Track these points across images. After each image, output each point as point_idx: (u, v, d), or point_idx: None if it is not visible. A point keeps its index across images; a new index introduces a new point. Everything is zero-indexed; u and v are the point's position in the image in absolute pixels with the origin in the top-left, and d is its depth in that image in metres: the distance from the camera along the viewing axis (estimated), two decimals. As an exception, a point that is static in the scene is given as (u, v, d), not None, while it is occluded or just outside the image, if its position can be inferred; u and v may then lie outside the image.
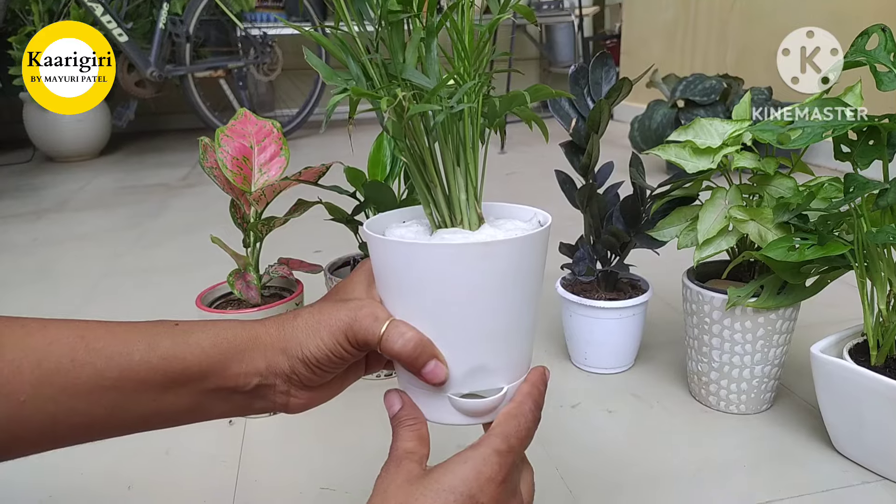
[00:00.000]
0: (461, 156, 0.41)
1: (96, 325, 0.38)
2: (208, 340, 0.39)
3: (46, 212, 1.93)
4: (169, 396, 0.39)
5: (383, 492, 0.38)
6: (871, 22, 0.63)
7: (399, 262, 0.39)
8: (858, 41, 0.62)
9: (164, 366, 0.38)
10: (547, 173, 0.90)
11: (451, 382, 0.40)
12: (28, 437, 0.37)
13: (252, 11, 3.07)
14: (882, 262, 0.64)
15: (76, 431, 0.38)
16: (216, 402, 0.41)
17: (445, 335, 0.39)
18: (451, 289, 0.38)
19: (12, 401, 0.35)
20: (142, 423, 0.40)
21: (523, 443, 0.40)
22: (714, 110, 1.82)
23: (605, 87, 0.80)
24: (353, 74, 0.40)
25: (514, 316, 0.40)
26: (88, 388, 0.37)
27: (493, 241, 0.38)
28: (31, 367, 0.36)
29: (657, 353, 0.92)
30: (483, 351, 0.40)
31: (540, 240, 0.40)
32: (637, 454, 0.71)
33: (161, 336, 0.39)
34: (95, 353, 0.37)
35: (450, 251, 0.38)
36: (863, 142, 0.64)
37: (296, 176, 0.76)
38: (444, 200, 0.42)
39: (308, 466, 0.71)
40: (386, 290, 0.41)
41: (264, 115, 3.31)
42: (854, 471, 0.66)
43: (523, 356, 0.43)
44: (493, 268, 0.38)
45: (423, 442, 0.41)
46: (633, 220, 0.82)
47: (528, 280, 0.40)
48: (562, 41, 3.66)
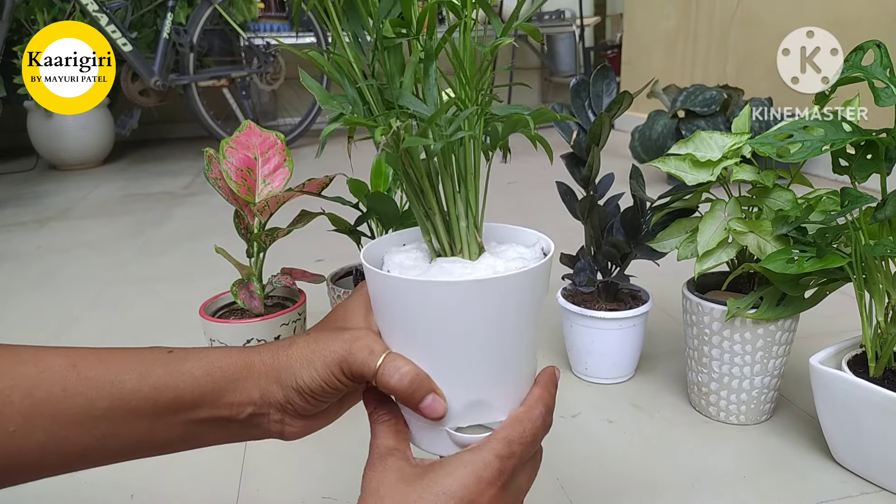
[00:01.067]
0: (461, 183, 0.40)
1: (88, 353, 0.38)
2: (201, 369, 0.39)
3: (50, 220, 1.94)
4: (160, 425, 0.39)
5: (375, 491, 0.37)
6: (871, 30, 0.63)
7: (395, 296, 0.38)
8: (853, 57, 0.62)
9: (155, 395, 0.38)
10: (548, 184, 0.90)
11: (449, 416, 0.39)
12: (19, 467, 0.37)
13: (255, 21, 3.09)
14: (880, 274, 0.65)
15: (67, 460, 0.38)
16: (210, 431, 0.41)
17: (442, 370, 0.38)
18: (448, 324, 0.37)
19: (1, 431, 0.35)
20: (133, 451, 0.39)
21: (527, 448, 0.39)
22: (714, 121, 1.83)
23: (606, 99, 0.80)
24: (350, 98, 0.39)
25: (512, 350, 0.39)
26: (80, 418, 0.36)
27: (490, 279, 0.37)
28: (22, 397, 0.35)
29: (657, 363, 0.92)
30: (482, 386, 0.39)
31: (541, 273, 0.39)
32: (637, 464, 0.71)
33: (153, 364, 0.39)
34: (87, 383, 0.37)
35: (446, 289, 0.37)
36: (861, 156, 0.65)
37: (299, 187, 0.77)
38: (443, 228, 0.41)
39: (310, 476, 0.71)
40: (383, 322, 0.40)
41: (267, 124, 3.33)
42: (853, 481, 0.66)
43: (523, 389, 0.42)
44: (491, 304, 0.37)
45: (400, 437, 0.40)
46: (634, 232, 0.82)
47: (528, 313, 0.39)
48: (563, 51, 3.68)
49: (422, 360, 0.38)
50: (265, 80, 3.05)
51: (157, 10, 2.80)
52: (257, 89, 3.25)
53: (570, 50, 3.65)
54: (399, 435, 0.40)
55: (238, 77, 2.96)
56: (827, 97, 0.67)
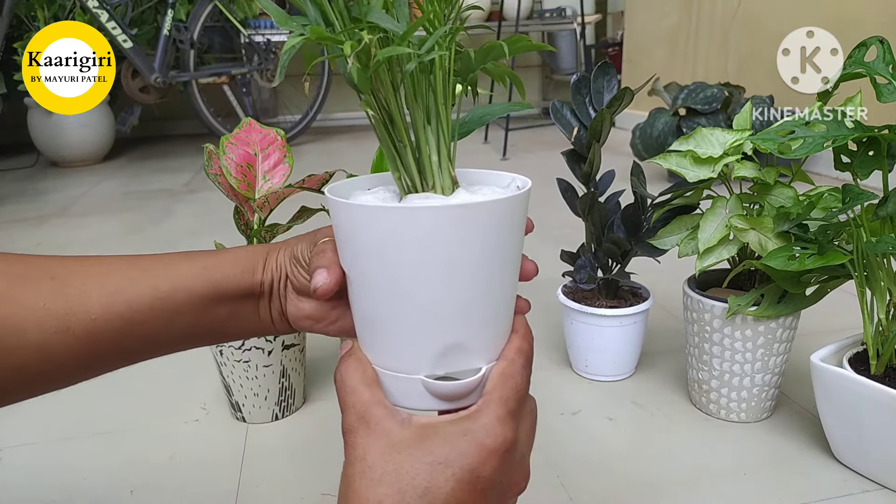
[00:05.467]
0: (432, 113, 0.37)
1: (141, 256, 0.44)
2: (237, 252, 0.45)
3: (50, 216, 1.94)
4: (214, 304, 0.43)
5: (361, 459, 0.34)
6: (874, 29, 0.63)
7: (366, 229, 0.35)
8: (856, 53, 0.62)
9: (205, 275, 0.43)
10: (548, 180, 0.90)
11: (424, 362, 0.37)
12: (102, 353, 0.41)
13: (256, 18, 3.09)
14: (881, 271, 0.65)
15: (143, 343, 0.42)
16: (247, 310, 0.45)
17: (416, 309, 0.36)
18: (427, 257, 0.34)
19: (85, 319, 0.40)
20: (195, 331, 0.44)
21: (521, 403, 0.37)
22: (715, 119, 1.83)
23: (607, 96, 0.80)
24: (311, 18, 0.36)
25: (491, 288, 0.37)
26: (149, 300, 0.41)
27: (469, 204, 0.34)
28: (96, 289, 0.40)
29: (658, 360, 0.92)
30: (458, 327, 0.36)
31: (520, 203, 0.37)
32: (637, 462, 0.71)
33: (196, 256, 0.44)
34: (147, 272, 0.42)
35: (420, 215, 0.34)
36: (862, 152, 0.65)
37: (299, 183, 0.77)
38: (414, 163, 0.38)
39: (310, 472, 0.71)
40: (348, 261, 0.38)
41: (267, 120, 3.33)
42: (854, 479, 0.66)
43: (502, 335, 0.39)
44: (470, 233, 0.34)
45: (374, 386, 0.37)
46: (634, 229, 0.82)
47: (507, 249, 0.37)
48: (564, 48, 3.67)
49: (396, 302, 0.36)
50: (265, 76, 3.05)
51: (157, 6, 2.80)
52: (258, 86, 3.25)
53: (571, 47, 3.65)
54: (373, 384, 0.37)
55: (238, 74, 2.96)
56: (829, 94, 0.67)
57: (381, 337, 0.38)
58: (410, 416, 0.35)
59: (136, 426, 0.82)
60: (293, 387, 0.82)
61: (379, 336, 0.38)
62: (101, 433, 0.80)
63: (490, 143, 2.85)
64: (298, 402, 0.84)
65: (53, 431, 0.80)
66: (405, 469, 0.33)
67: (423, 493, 0.33)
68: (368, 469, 0.34)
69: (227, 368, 0.79)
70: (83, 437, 0.79)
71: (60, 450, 0.77)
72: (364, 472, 0.34)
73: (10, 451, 0.77)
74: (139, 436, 0.80)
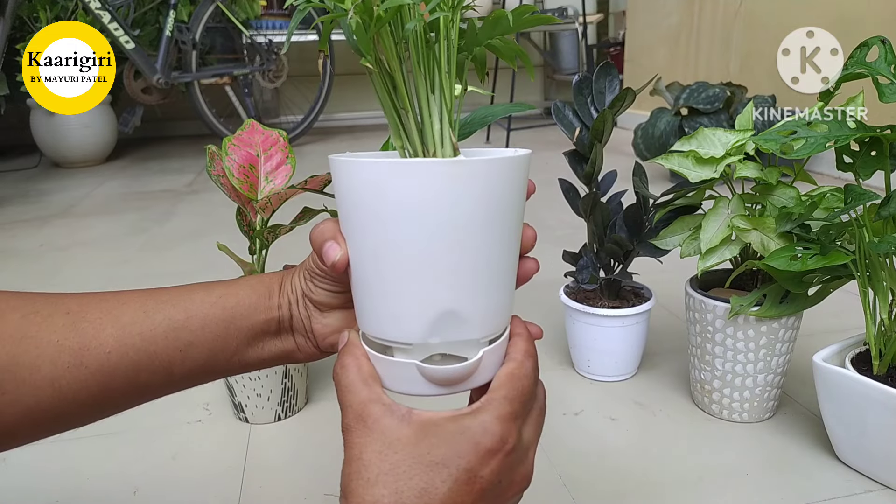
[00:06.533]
0: (436, 84, 0.37)
1: (156, 289, 0.44)
2: (252, 279, 0.45)
3: (52, 217, 1.95)
4: (231, 331, 0.42)
5: (358, 458, 0.34)
6: (875, 28, 0.63)
7: (361, 186, 0.36)
8: (857, 53, 0.62)
9: (221, 302, 0.42)
10: (550, 181, 0.90)
11: (420, 328, 0.36)
12: (116, 388, 0.40)
13: (258, 19, 3.09)
14: (884, 271, 0.65)
15: (157, 377, 0.41)
16: (266, 338, 0.44)
17: (412, 272, 0.36)
18: (419, 215, 0.35)
19: (99, 353, 0.39)
20: (211, 363, 0.43)
21: (527, 406, 0.37)
22: (717, 118, 1.82)
23: (609, 96, 0.80)
24: None
25: (488, 253, 0.36)
26: (163, 331, 0.41)
27: (470, 161, 0.35)
28: (111, 322, 0.40)
29: (660, 361, 0.92)
30: (454, 292, 0.36)
31: (518, 166, 0.37)
32: (640, 462, 0.71)
33: (213, 285, 0.44)
34: (163, 303, 0.42)
35: (417, 171, 0.34)
36: (865, 152, 0.65)
37: (301, 184, 0.77)
38: (416, 130, 0.38)
39: (312, 472, 0.71)
40: (348, 226, 0.38)
41: (269, 121, 3.33)
42: (856, 479, 0.66)
43: (500, 308, 0.38)
44: (466, 193, 0.34)
45: (371, 381, 0.37)
46: (637, 229, 0.82)
47: (507, 213, 0.37)
48: (566, 49, 3.68)
49: (393, 262, 0.36)
50: (268, 77, 3.05)
51: (159, 7, 2.80)
52: (260, 87, 3.25)
53: (573, 47, 3.65)
54: (370, 380, 0.37)
55: (240, 75, 2.96)
56: (831, 94, 0.67)
57: (378, 302, 0.38)
58: (410, 412, 0.35)
59: (139, 427, 0.82)
60: (296, 387, 0.82)
61: (376, 301, 0.38)
62: (104, 434, 0.80)
63: (492, 143, 2.85)
64: (301, 402, 0.84)
65: (57, 432, 0.81)
66: (402, 469, 0.33)
67: (419, 493, 0.33)
68: (365, 469, 0.33)
69: (230, 369, 0.79)
70: (86, 437, 0.79)
71: (63, 450, 0.77)
72: (360, 471, 0.34)
73: (12, 451, 0.77)
74: (142, 436, 0.80)
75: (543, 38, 3.90)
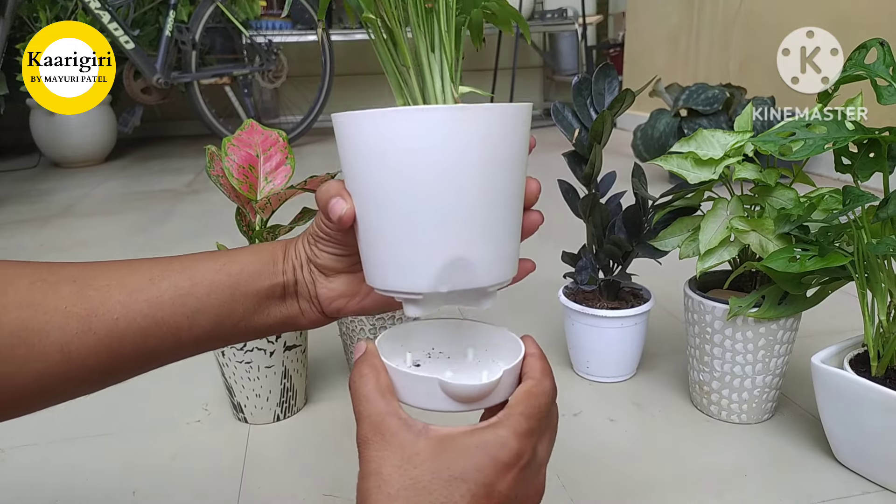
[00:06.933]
0: (436, 42, 0.38)
1: (161, 258, 0.44)
2: (256, 247, 0.45)
3: (52, 217, 1.95)
4: (237, 297, 0.43)
5: (377, 473, 0.34)
6: (874, 29, 0.63)
7: (366, 136, 0.37)
8: (856, 55, 0.62)
9: (226, 269, 0.43)
10: (549, 182, 0.90)
11: (428, 276, 0.37)
12: (125, 354, 0.41)
13: (257, 19, 3.09)
14: (882, 273, 0.65)
15: (166, 343, 0.42)
16: (272, 303, 0.45)
17: (420, 219, 0.37)
18: (423, 161, 0.36)
19: (107, 319, 0.40)
20: (219, 330, 0.43)
21: (542, 422, 0.37)
22: (717, 120, 1.83)
23: (608, 97, 0.80)
24: None
25: (494, 198, 0.37)
26: (170, 297, 0.41)
27: (474, 107, 0.36)
28: (118, 289, 0.41)
29: (659, 362, 0.92)
30: (462, 237, 0.37)
31: (519, 114, 0.38)
32: (638, 463, 0.71)
33: (217, 253, 0.45)
34: (168, 271, 0.42)
35: (427, 115, 0.36)
36: (863, 154, 0.65)
37: (301, 185, 0.77)
38: (418, 88, 0.39)
39: (311, 473, 0.71)
40: (354, 180, 0.39)
41: (269, 122, 3.34)
42: (855, 481, 0.66)
43: (507, 255, 0.39)
44: (474, 137, 0.36)
45: (388, 395, 0.37)
46: (636, 230, 0.82)
47: (511, 160, 0.38)
48: (565, 50, 3.68)
49: (400, 210, 0.37)
50: (267, 77, 3.05)
51: (159, 7, 2.80)
52: (259, 87, 3.25)
53: (573, 48, 3.65)
54: (387, 393, 0.37)
55: (240, 75, 2.96)
56: (830, 95, 0.67)
57: (386, 253, 0.38)
58: (426, 427, 0.35)
59: (138, 427, 0.82)
60: (295, 388, 0.82)
61: (384, 252, 0.38)
62: (103, 434, 0.80)
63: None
64: (300, 403, 0.84)
65: (55, 432, 0.81)
66: (422, 484, 0.33)
67: None
68: (384, 483, 0.34)
69: (229, 369, 0.79)
70: (85, 437, 0.79)
71: (62, 450, 0.77)
72: (380, 486, 0.34)
73: (12, 451, 0.77)
74: (141, 437, 0.80)
75: (543, 39, 3.91)
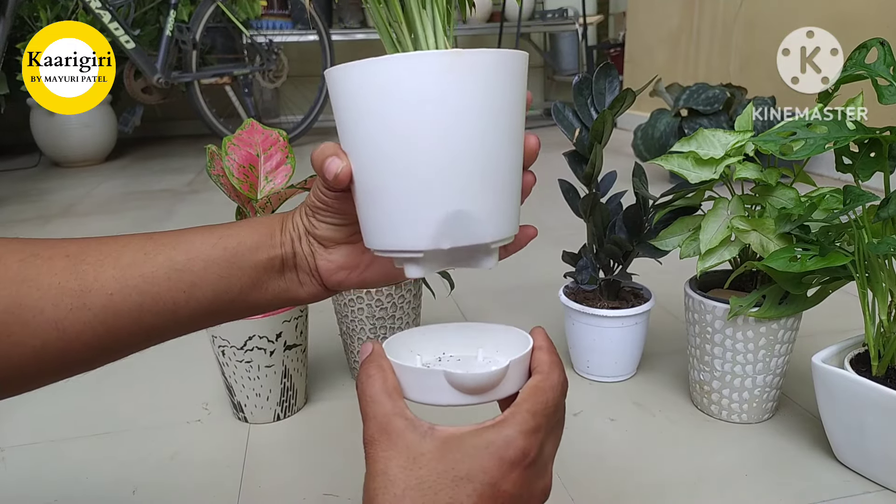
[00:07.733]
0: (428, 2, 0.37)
1: (155, 233, 0.44)
2: (253, 221, 0.45)
3: (53, 217, 1.95)
4: (233, 271, 0.42)
5: (383, 473, 0.34)
6: (875, 29, 0.63)
7: (360, 88, 0.36)
8: (856, 55, 0.62)
9: (222, 243, 0.42)
10: (550, 181, 0.90)
11: (429, 231, 0.37)
12: (122, 329, 0.40)
13: (258, 19, 3.09)
14: (883, 272, 0.65)
15: (163, 318, 0.41)
16: (270, 277, 0.44)
17: (417, 170, 0.36)
18: (419, 111, 0.35)
19: (101, 295, 0.39)
20: (216, 304, 0.42)
21: (551, 419, 0.37)
22: (717, 120, 1.83)
23: (609, 97, 0.80)
24: None
25: (492, 148, 0.37)
26: (165, 272, 0.41)
27: (469, 51, 0.35)
28: (112, 264, 0.40)
29: (659, 361, 0.92)
30: (460, 189, 0.36)
31: (518, 61, 0.37)
32: (639, 462, 0.71)
33: (213, 227, 0.44)
34: (163, 245, 0.42)
35: (421, 60, 0.35)
36: (864, 154, 0.65)
37: (301, 184, 0.77)
38: (410, 43, 0.38)
39: (312, 472, 0.71)
40: (349, 137, 0.38)
41: (269, 121, 3.34)
42: (855, 481, 0.66)
43: (508, 209, 0.39)
44: (469, 82, 0.35)
45: (394, 394, 0.37)
46: (636, 230, 0.82)
47: (507, 109, 0.37)
48: (566, 50, 3.68)
49: (398, 163, 0.36)
50: (268, 77, 3.05)
51: (160, 7, 2.81)
52: (260, 87, 3.25)
53: (573, 48, 3.65)
54: (394, 393, 0.37)
55: (240, 74, 2.97)
56: (830, 95, 0.67)
57: (385, 211, 0.38)
58: (432, 427, 0.35)
59: (138, 426, 0.82)
60: (295, 387, 0.82)
61: (383, 211, 0.38)
62: (103, 433, 0.80)
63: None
64: (300, 402, 0.84)
65: (55, 431, 0.81)
66: (428, 484, 0.33)
67: None
68: (391, 484, 0.34)
69: (230, 369, 0.79)
70: (85, 436, 0.79)
71: (62, 449, 0.77)
72: (386, 486, 0.34)
73: (11, 450, 0.77)
74: (141, 436, 0.80)
75: (544, 38, 3.91)
